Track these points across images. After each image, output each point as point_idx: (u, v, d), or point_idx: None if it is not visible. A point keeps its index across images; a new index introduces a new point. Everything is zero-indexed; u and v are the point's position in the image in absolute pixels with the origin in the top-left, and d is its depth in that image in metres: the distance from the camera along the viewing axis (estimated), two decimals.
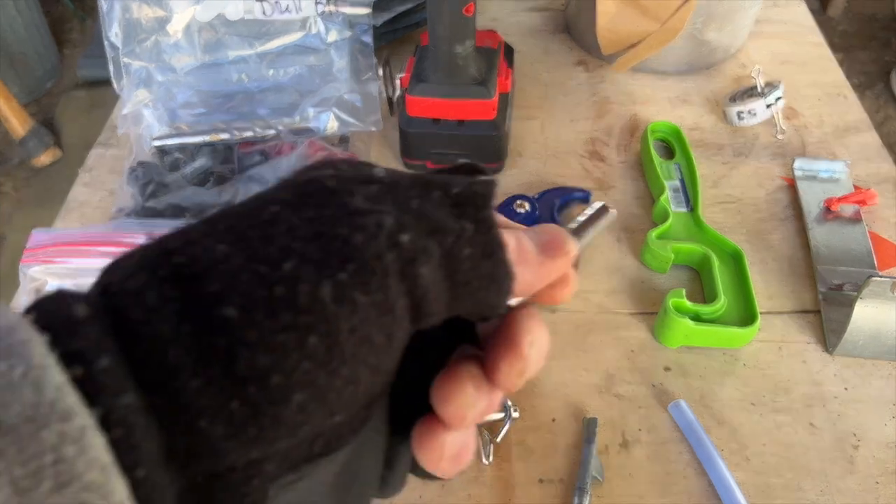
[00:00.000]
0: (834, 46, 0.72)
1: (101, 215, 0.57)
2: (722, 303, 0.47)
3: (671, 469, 0.42)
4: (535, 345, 0.19)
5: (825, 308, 0.49)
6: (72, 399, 0.13)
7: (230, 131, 0.59)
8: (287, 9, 0.59)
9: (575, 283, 0.21)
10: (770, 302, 0.50)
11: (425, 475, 0.21)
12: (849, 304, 0.46)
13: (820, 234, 0.53)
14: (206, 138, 0.59)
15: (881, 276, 0.43)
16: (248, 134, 0.59)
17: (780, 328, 0.49)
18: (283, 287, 0.15)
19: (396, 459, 0.21)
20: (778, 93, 0.61)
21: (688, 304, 0.47)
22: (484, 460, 0.43)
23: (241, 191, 0.55)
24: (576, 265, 0.21)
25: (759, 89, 0.62)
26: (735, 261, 0.51)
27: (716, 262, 0.50)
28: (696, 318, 0.47)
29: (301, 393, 0.15)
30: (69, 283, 0.49)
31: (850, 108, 0.65)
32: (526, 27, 0.74)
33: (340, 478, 0.19)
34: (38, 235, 0.51)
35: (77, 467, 0.12)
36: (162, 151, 0.59)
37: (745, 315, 0.47)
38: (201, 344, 0.14)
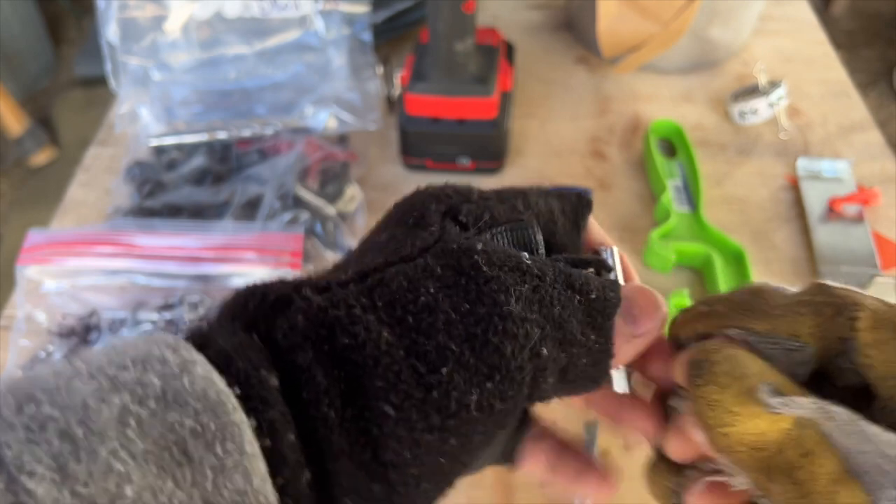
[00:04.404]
0: (838, 44, 0.71)
1: (98, 215, 0.57)
2: None
3: None
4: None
5: None
6: (270, 488, 0.14)
7: (228, 130, 0.58)
8: (285, 6, 0.59)
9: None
10: None
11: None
12: None
13: (823, 235, 0.53)
14: (204, 137, 0.58)
15: (884, 277, 0.43)
16: (246, 132, 0.59)
17: None
18: (437, 393, 0.16)
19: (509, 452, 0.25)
20: (780, 91, 0.61)
21: (690, 304, 0.46)
22: None
23: (239, 190, 0.54)
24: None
25: (760, 87, 0.61)
26: (738, 261, 0.50)
27: (718, 263, 0.49)
28: None
29: (430, 481, 0.17)
30: (67, 284, 0.48)
31: (854, 106, 0.64)
32: (527, 25, 0.73)
33: None
34: (34, 235, 0.51)
35: None
36: (159, 150, 0.59)
37: None
38: (359, 430, 0.16)
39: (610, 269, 0.23)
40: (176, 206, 0.54)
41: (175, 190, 0.55)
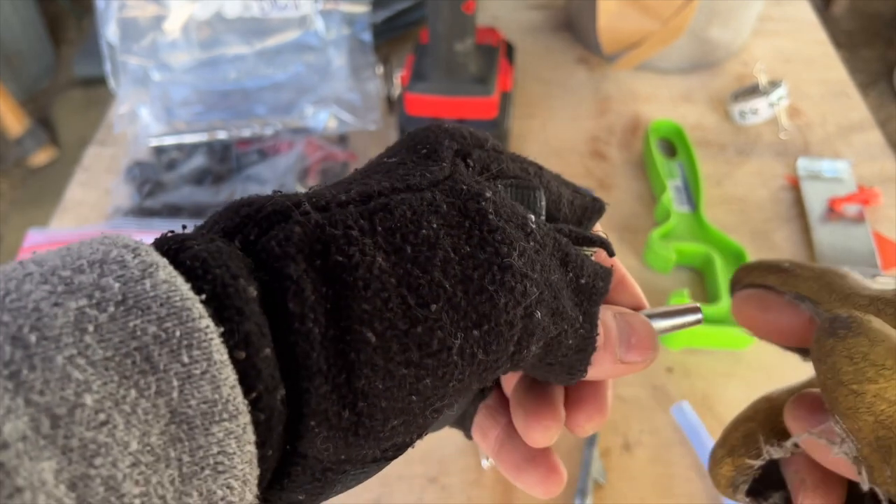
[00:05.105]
0: (838, 44, 0.72)
1: (98, 215, 0.57)
2: (725, 303, 0.47)
3: (673, 471, 0.42)
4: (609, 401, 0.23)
5: None
6: (240, 399, 0.14)
7: (228, 130, 0.58)
8: (285, 6, 0.59)
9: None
10: None
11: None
12: None
13: (823, 234, 0.53)
14: (204, 137, 0.58)
15: (885, 277, 0.43)
16: (246, 132, 0.59)
17: None
18: (422, 328, 0.16)
19: (465, 415, 0.25)
20: (780, 91, 0.61)
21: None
22: (484, 463, 0.42)
23: (239, 190, 0.54)
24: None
25: (761, 87, 0.61)
26: (738, 261, 0.50)
27: (719, 263, 0.49)
28: None
29: (398, 419, 0.16)
30: None
31: (854, 106, 0.64)
32: (527, 25, 0.73)
33: None
34: (34, 235, 0.51)
35: (234, 461, 0.13)
36: (159, 150, 0.59)
37: None
38: (337, 352, 0.15)
39: (612, 253, 0.22)
40: (176, 206, 0.54)
41: (175, 190, 0.55)
